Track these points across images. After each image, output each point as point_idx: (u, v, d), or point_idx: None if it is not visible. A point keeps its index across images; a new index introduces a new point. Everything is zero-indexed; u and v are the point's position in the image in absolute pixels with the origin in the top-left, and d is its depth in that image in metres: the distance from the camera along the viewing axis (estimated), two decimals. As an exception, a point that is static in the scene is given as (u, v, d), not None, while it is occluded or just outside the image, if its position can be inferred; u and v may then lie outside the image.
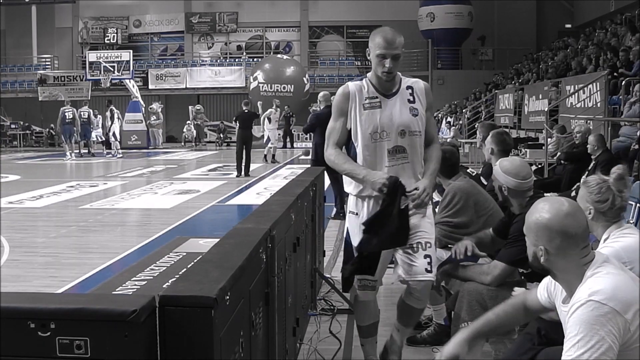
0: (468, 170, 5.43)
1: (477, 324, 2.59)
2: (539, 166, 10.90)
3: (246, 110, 15.37)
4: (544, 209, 2.20)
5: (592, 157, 7.78)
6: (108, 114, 24.59)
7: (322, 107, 9.93)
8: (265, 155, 19.45)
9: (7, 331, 1.65)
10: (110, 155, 23.29)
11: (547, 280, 2.43)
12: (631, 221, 6.90)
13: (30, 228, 9.26)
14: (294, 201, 3.84)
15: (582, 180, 2.94)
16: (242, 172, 15.18)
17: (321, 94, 10.19)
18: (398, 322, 3.67)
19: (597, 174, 2.97)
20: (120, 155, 23.08)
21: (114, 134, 24.08)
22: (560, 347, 2.19)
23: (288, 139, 26.43)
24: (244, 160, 15.21)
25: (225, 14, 33.12)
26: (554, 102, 13.57)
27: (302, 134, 26.75)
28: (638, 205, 6.76)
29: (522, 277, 3.52)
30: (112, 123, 24.27)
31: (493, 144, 4.72)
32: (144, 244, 7.94)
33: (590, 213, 2.85)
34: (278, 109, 20.74)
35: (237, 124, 15.55)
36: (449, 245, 3.93)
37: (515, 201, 3.48)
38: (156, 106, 28.03)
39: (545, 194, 3.53)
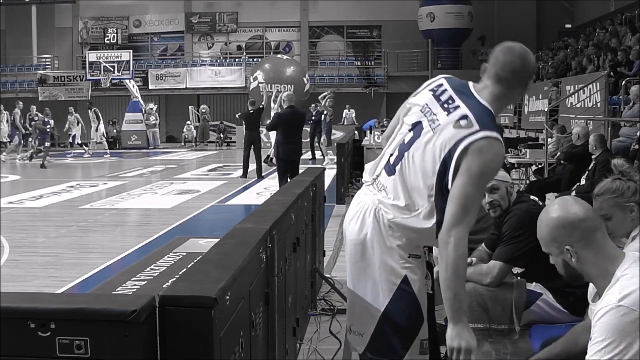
0: None
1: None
2: (539, 166, 10.89)
3: (252, 110, 14.64)
4: (549, 213, 2.19)
5: (592, 157, 7.78)
6: (93, 115, 24.75)
7: (285, 107, 10.54)
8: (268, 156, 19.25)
9: (7, 331, 1.65)
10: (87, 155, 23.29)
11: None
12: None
13: (30, 228, 9.25)
14: (294, 201, 3.84)
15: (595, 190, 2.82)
16: (256, 174, 14.61)
17: (285, 94, 10.92)
18: None
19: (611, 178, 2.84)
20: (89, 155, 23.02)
21: (103, 135, 24.52)
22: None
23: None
24: (255, 162, 14.60)
25: (225, 14, 33.12)
26: (554, 102, 13.57)
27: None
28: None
29: (517, 277, 3.51)
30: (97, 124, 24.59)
31: None
32: (144, 244, 7.94)
33: (632, 212, 2.73)
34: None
35: (243, 124, 15.21)
36: None
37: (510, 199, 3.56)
38: (153, 106, 28.06)
39: (546, 194, 3.54)
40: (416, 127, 2.66)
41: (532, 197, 3.76)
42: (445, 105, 2.60)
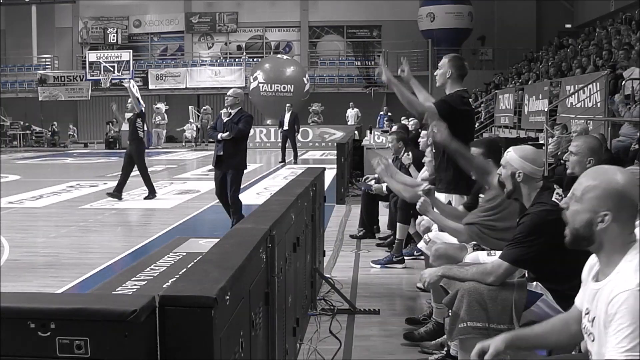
0: None
1: (521, 330, 2.52)
2: (539, 166, 10.88)
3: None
4: (619, 175, 2.13)
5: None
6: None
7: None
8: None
9: (7, 331, 1.65)
10: None
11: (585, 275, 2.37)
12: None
13: (30, 228, 9.25)
14: (294, 201, 3.84)
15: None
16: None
17: (231, 91, 8.43)
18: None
19: None
20: None
21: None
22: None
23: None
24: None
25: (225, 14, 33.13)
26: (555, 101, 13.56)
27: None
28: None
29: (526, 277, 3.48)
30: None
31: (452, 67, 4.79)
32: (144, 244, 7.94)
33: None
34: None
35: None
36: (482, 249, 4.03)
37: (525, 189, 3.42)
38: (162, 106, 28.06)
39: (555, 186, 3.45)
40: None
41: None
42: None
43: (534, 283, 3.38)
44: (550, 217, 3.22)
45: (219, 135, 8.03)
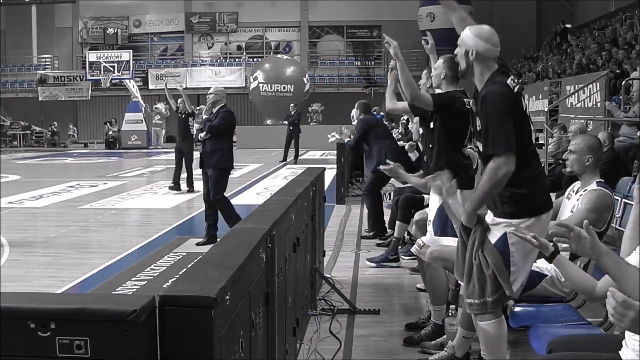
0: None
1: (620, 258, 2.42)
2: (539, 166, 10.88)
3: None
4: None
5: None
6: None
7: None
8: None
9: (7, 331, 1.65)
10: None
11: None
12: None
13: (30, 228, 9.25)
14: (294, 201, 3.84)
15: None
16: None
17: (213, 89, 8.43)
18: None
19: None
20: None
21: None
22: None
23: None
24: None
25: (225, 14, 33.14)
26: (555, 101, 13.57)
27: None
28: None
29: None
30: None
31: (446, 69, 4.65)
32: (144, 244, 7.94)
33: None
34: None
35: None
36: None
37: (478, 69, 3.31)
38: (161, 106, 28.09)
39: (510, 73, 3.37)
40: None
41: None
42: None
43: (538, 261, 3.34)
44: (506, 91, 3.17)
45: (199, 136, 7.81)
